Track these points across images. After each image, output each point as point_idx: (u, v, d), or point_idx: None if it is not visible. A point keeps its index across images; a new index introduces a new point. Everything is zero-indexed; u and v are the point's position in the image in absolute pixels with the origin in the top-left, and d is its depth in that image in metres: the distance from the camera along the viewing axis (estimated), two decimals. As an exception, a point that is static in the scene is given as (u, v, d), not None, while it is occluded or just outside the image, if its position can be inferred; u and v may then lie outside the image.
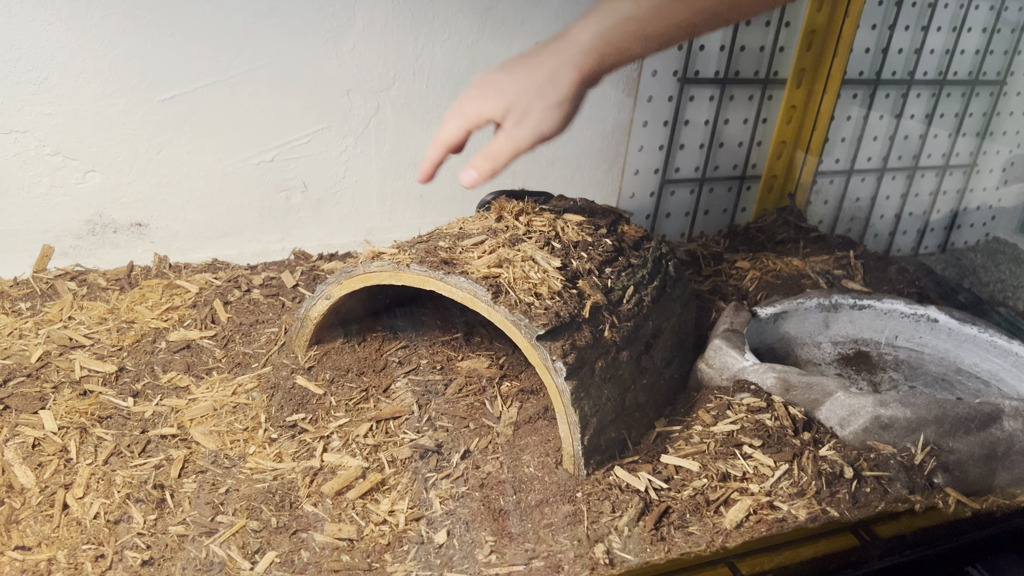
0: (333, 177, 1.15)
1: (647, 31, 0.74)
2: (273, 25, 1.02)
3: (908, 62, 1.39)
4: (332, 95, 1.09)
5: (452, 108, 0.80)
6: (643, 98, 1.24)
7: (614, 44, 0.74)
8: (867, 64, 1.36)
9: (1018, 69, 1.49)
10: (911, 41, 1.37)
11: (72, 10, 0.93)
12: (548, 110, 0.76)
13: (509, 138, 0.77)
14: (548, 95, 0.75)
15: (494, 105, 0.77)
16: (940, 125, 1.49)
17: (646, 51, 0.76)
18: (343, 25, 1.05)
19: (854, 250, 1.31)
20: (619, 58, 0.75)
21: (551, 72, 0.75)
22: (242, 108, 1.05)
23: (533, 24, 1.14)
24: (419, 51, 1.10)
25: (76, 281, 1.03)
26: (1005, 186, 1.63)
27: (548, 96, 0.75)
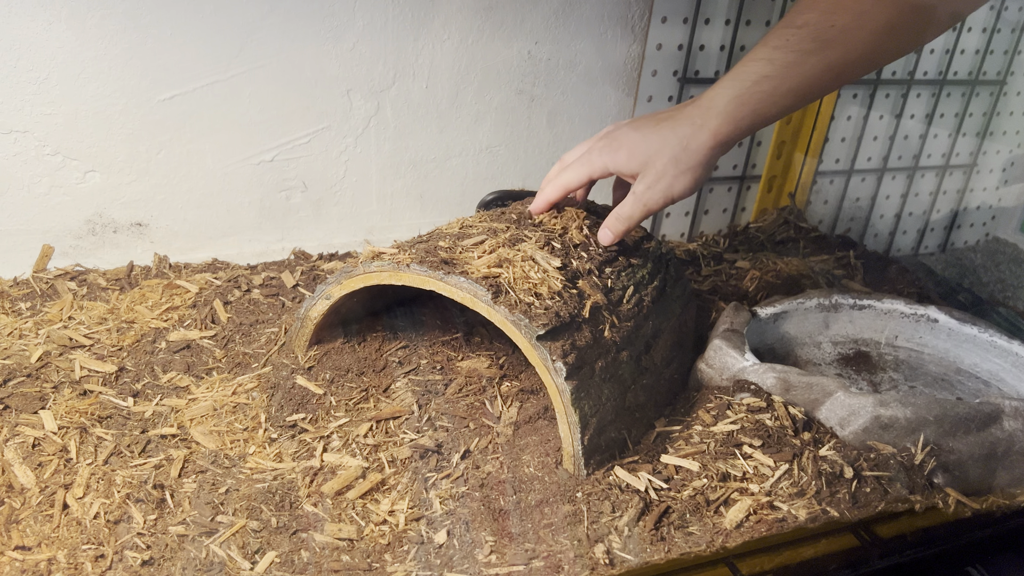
0: (333, 177, 1.15)
1: (782, 89, 0.73)
2: (273, 25, 1.02)
3: (908, 62, 1.39)
4: (332, 95, 1.09)
5: (579, 155, 0.84)
6: (643, 98, 1.24)
7: (749, 106, 0.74)
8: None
9: (1018, 69, 1.49)
10: (911, 41, 1.37)
11: (72, 10, 0.93)
12: (680, 175, 0.77)
13: (640, 201, 0.79)
14: (682, 161, 0.76)
15: (624, 163, 0.79)
16: (940, 125, 1.49)
17: (781, 109, 0.75)
18: (343, 25, 1.05)
19: (854, 250, 1.31)
20: (755, 120, 0.75)
21: (685, 138, 0.76)
22: (242, 108, 1.05)
23: (533, 24, 1.14)
24: (419, 51, 1.10)
25: (76, 281, 1.03)
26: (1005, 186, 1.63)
27: (681, 162, 0.76)
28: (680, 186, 0.78)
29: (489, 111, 1.18)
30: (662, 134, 0.77)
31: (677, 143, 0.76)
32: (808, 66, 0.73)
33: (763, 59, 0.74)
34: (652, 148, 0.77)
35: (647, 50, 1.20)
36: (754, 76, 0.74)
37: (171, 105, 1.02)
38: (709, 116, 0.75)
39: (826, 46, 0.72)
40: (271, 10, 1.01)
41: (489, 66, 1.15)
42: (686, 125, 0.76)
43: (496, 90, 1.17)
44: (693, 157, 0.76)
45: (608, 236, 0.85)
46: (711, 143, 0.75)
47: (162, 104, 1.02)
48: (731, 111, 0.74)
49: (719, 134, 0.75)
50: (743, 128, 0.76)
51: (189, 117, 1.03)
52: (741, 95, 0.74)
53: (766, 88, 0.73)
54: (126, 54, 0.97)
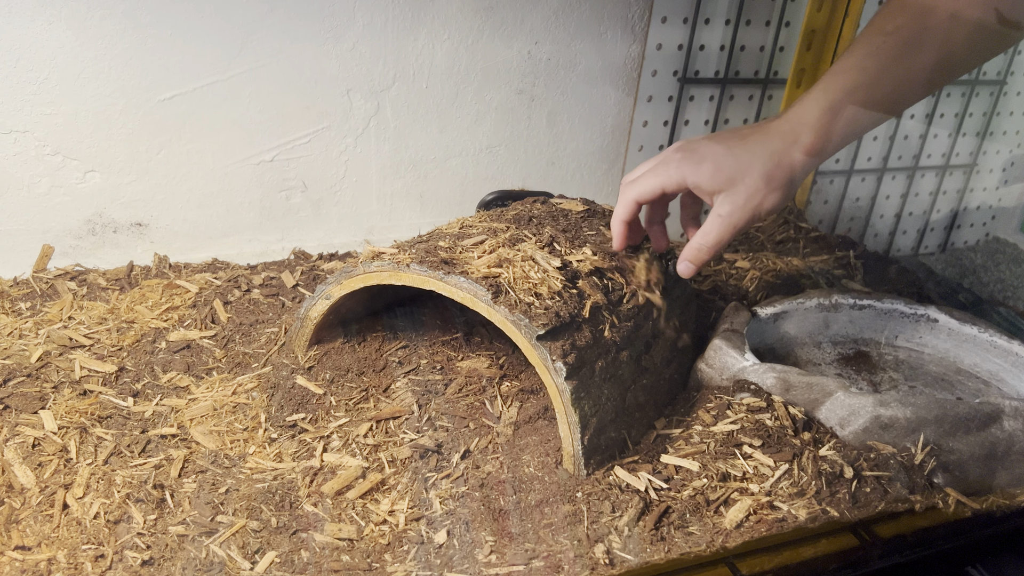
0: (333, 177, 1.15)
1: (875, 97, 0.71)
2: (273, 25, 1.02)
3: (908, 62, 1.39)
4: (332, 95, 1.09)
5: (649, 168, 0.76)
6: (643, 98, 1.24)
7: (844, 118, 0.71)
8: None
9: (1018, 69, 1.49)
10: (911, 41, 1.37)
11: (72, 10, 0.93)
12: (771, 193, 0.72)
13: (729, 222, 0.73)
14: (774, 178, 0.71)
15: (709, 178, 0.73)
16: (940, 125, 1.49)
17: (877, 119, 0.73)
18: (343, 25, 1.05)
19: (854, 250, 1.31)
20: (849, 132, 0.72)
21: (777, 153, 0.71)
22: (242, 108, 1.05)
23: (533, 24, 1.14)
24: (419, 51, 1.10)
25: (76, 281, 1.03)
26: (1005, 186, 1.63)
27: (774, 179, 0.72)
28: (770, 204, 0.73)
29: (489, 111, 1.18)
30: (751, 149, 0.72)
31: (769, 159, 0.71)
32: (902, 72, 0.70)
33: (854, 68, 0.71)
34: (742, 163, 0.72)
35: (647, 50, 1.20)
36: (846, 87, 0.71)
37: (171, 105, 1.02)
38: (802, 130, 0.71)
39: (919, 50, 0.69)
40: (271, 10, 1.01)
41: (489, 66, 1.15)
42: (777, 140, 0.72)
43: (496, 90, 1.17)
44: (786, 173, 0.72)
45: (690, 269, 0.79)
46: (804, 158, 0.72)
47: (162, 104, 1.02)
48: (824, 124, 0.71)
49: (813, 149, 0.71)
50: (836, 141, 0.72)
51: (189, 117, 1.03)
52: (834, 106, 0.71)
53: (860, 98, 0.71)
54: (126, 54, 0.97)
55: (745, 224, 0.74)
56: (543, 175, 1.26)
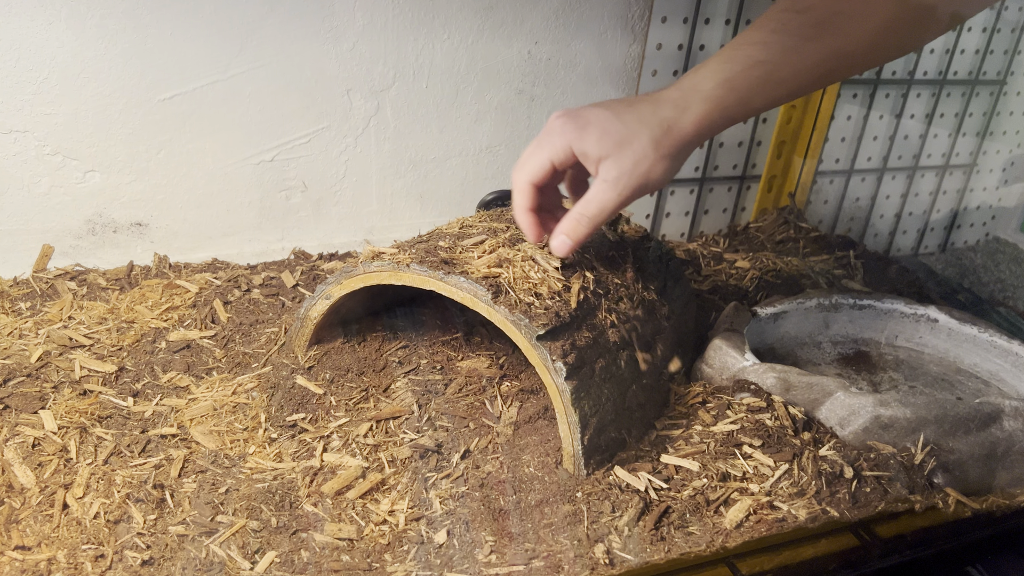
0: (333, 177, 1.15)
1: (776, 76, 0.67)
2: (273, 25, 1.02)
3: (908, 62, 1.39)
4: (332, 95, 1.09)
5: (534, 145, 0.70)
6: (643, 98, 1.24)
7: (739, 92, 0.67)
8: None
9: (1018, 69, 1.49)
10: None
11: (72, 10, 0.93)
12: (659, 161, 0.67)
13: (615, 189, 0.68)
14: (663, 145, 0.67)
15: (595, 144, 0.67)
16: (940, 125, 1.49)
17: (770, 100, 0.69)
18: (343, 25, 1.05)
19: (854, 250, 1.31)
20: (742, 108, 0.68)
21: (667, 120, 0.67)
22: (242, 108, 1.05)
23: (533, 24, 1.14)
24: (419, 51, 1.10)
25: (76, 281, 1.03)
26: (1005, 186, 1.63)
27: (662, 147, 0.67)
28: (658, 173, 0.68)
29: (489, 111, 1.18)
30: (639, 115, 0.67)
31: (658, 125, 0.67)
32: (806, 53, 0.67)
33: (758, 43, 0.67)
34: (629, 128, 0.67)
35: (647, 50, 1.20)
36: (747, 60, 0.67)
37: (171, 105, 1.02)
38: (694, 99, 0.67)
39: (827, 33, 0.66)
40: (271, 10, 1.01)
41: (489, 66, 1.15)
42: (668, 107, 0.67)
43: (496, 90, 1.17)
44: (675, 142, 0.67)
45: (567, 245, 0.71)
46: (695, 129, 0.67)
47: (162, 104, 1.02)
48: (719, 96, 0.67)
49: (704, 120, 0.67)
50: (728, 116, 0.68)
51: (189, 117, 1.03)
52: (732, 79, 0.67)
53: (759, 74, 0.66)
54: (126, 54, 0.97)
55: (631, 192, 0.68)
56: (543, 175, 1.26)
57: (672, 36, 1.20)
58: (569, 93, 1.21)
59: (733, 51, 0.68)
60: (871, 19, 0.66)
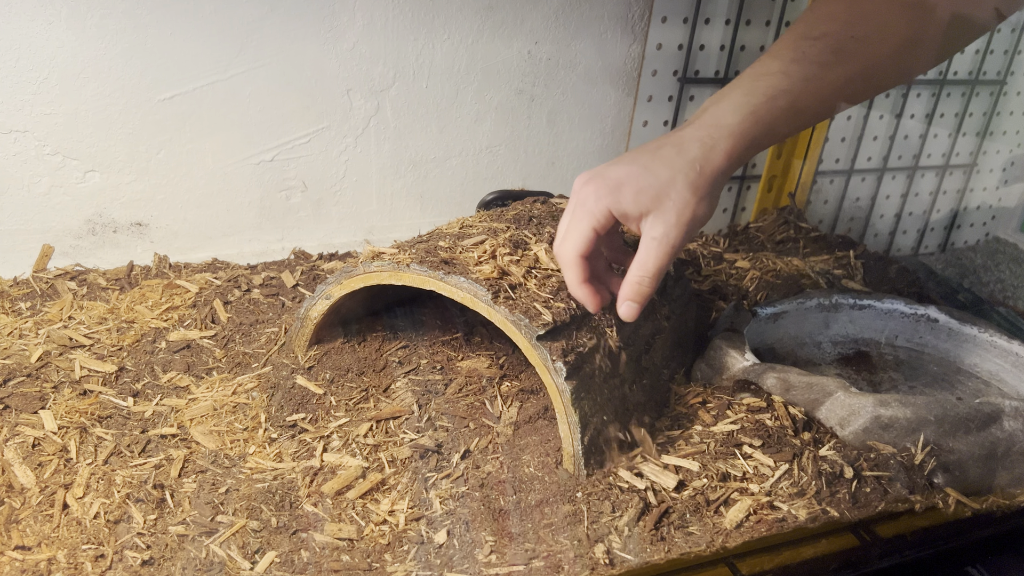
0: (333, 177, 1.15)
1: (799, 106, 0.67)
2: (273, 25, 1.02)
3: (908, 62, 1.39)
4: (332, 95, 1.09)
5: (569, 218, 0.69)
6: (643, 98, 1.24)
7: (765, 123, 0.66)
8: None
9: (1018, 69, 1.49)
10: (911, 41, 1.37)
11: (72, 10, 0.93)
12: (700, 202, 0.66)
13: (666, 243, 0.66)
14: (700, 187, 0.66)
15: (632, 202, 0.66)
16: (940, 125, 1.49)
17: (794, 128, 0.69)
18: (343, 25, 1.05)
19: (854, 250, 1.31)
20: (770, 138, 0.68)
21: (697, 161, 0.66)
22: (242, 108, 1.05)
23: (533, 24, 1.14)
24: (419, 51, 1.10)
25: (76, 281, 1.03)
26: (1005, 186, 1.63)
27: (700, 189, 0.66)
28: (701, 215, 0.67)
29: (489, 111, 1.18)
30: (668, 162, 0.66)
31: (690, 168, 0.66)
32: (827, 80, 0.67)
33: (778, 72, 0.67)
34: (662, 179, 0.66)
35: (647, 50, 1.20)
36: (769, 91, 0.66)
37: (171, 105, 1.02)
38: (721, 136, 0.66)
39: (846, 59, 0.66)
40: (271, 10, 1.01)
41: (489, 66, 1.15)
42: (696, 147, 0.66)
43: (496, 90, 1.17)
44: (709, 181, 0.66)
45: (634, 310, 0.70)
46: (727, 163, 0.67)
47: (162, 104, 1.02)
48: (745, 129, 0.66)
49: (734, 154, 0.67)
50: (756, 147, 0.68)
51: (189, 117, 1.03)
52: (756, 111, 0.66)
53: (783, 104, 0.66)
54: (126, 54, 0.97)
55: (681, 242, 0.67)
56: (543, 175, 1.26)
57: (672, 36, 1.20)
58: (569, 93, 1.21)
59: (753, 82, 0.68)
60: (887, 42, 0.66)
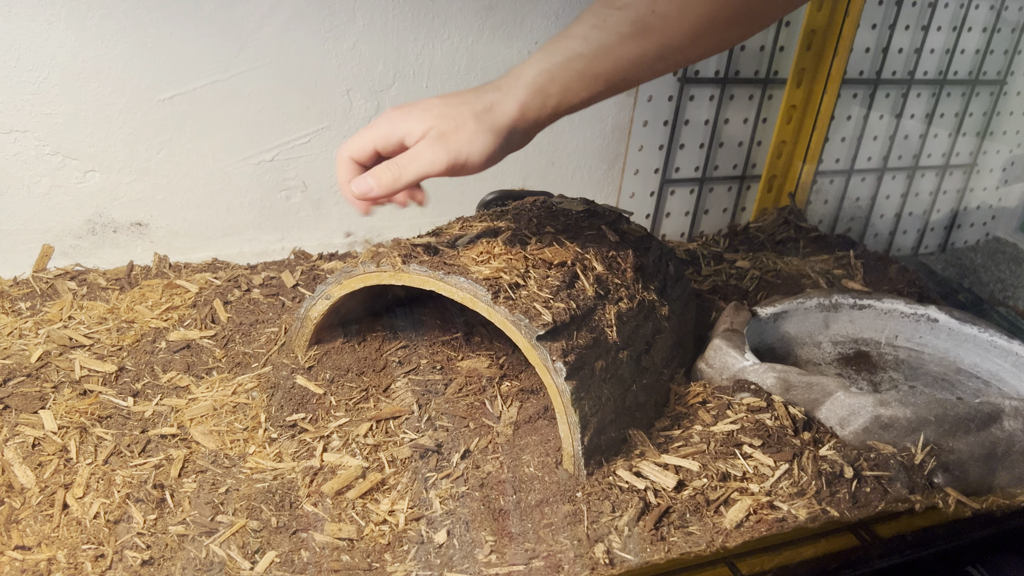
0: (333, 177, 1.15)
1: (594, 70, 0.69)
2: (273, 25, 1.02)
3: (908, 62, 1.39)
4: (332, 95, 1.09)
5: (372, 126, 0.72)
6: (643, 98, 1.24)
7: (559, 81, 0.69)
8: (867, 64, 1.36)
9: (1018, 69, 1.49)
10: (911, 41, 1.37)
11: (72, 10, 0.93)
12: (479, 133, 0.68)
13: (430, 147, 0.68)
14: (483, 119, 0.69)
15: (417, 120, 0.69)
16: (940, 125, 1.49)
17: (593, 93, 0.70)
18: (343, 25, 1.05)
19: (854, 250, 1.31)
20: (563, 98, 0.70)
21: (490, 102, 0.69)
22: (242, 108, 1.05)
23: (533, 24, 1.14)
24: (419, 51, 1.10)
25: (76, 281, 1.03)
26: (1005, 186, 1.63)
27: (483, 120, 0.68)
28: (478, 146, 0.68)
29: (489, 111, 1.18)
30: (463, 98, 0.70)
31: (479, 103, 0.69)
32: (624, 50, 0.68)
33: (578, 36, 0.69)
34: (452, 107, 0.69)
35: (647, 50, 1.20)
36: (567, 53, 0.69)
37: (171, 105, 1.02)
38: (516, 86, 0.69)
39: (645, 31, 0.68)
40: (271, 10, 1.01)
41: (489, 66, 1.15)
42: (491, 92, 0.70)
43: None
44: (496, 120, 0.69)
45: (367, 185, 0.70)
46: (516, 111, 0.69)
47: (162, 104, 1.02)
48: (540, 84, 0.69)
49: (525, 105, 0.69)
50: (550, 106, 0.70)
51: (189, 117, 1.03)
52: (552, 69, 0.69)
53: (578, 67, 0.69)
54: (126, 54, 0.97)
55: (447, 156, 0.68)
56: (543, 175, 1.26)
57: (672, 36, 1.20)
58: (569, 93, 1.21)
59: (555, 43, 0.70)
60: (687, 18, 0.68)
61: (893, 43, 1.36)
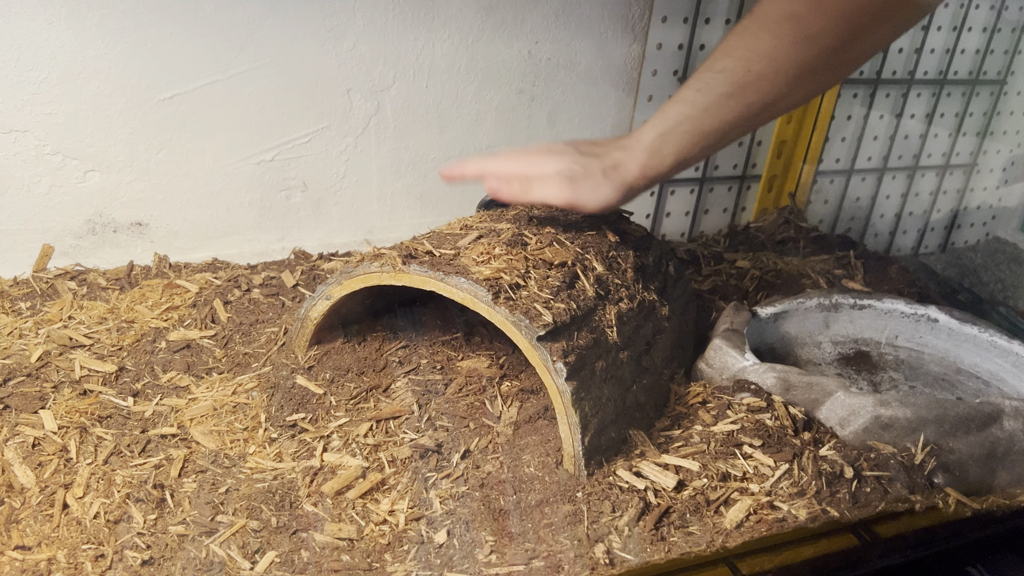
0: (333, 177, 1.15)
1: (703, 129, 0.78)
2: (273, 25, 1.02)
3: (908, 61, 1.39)
4: (332, 95, 1.09)
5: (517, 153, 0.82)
6: (643, 98, 1.24)
7: (672, 144, 0.79)
8: (867, 63, 1.36)
9: (1018, 69, 1.49)
10: (911, 40, 1.37)
11: (72, 10, 0.93)
12: (602, 185, 0.79)
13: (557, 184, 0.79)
14: (610, 175, 0.79)
15: (555, 163, 0.79)
16: (940, 125, 1.49)
17: (705, 148, 0.79)
18: (343, 25, 1.05)
19: (854, 250, 1.31)
20: (679, 158, 0.79)
21: (616, 161, 0.80)
22: (242, 108, 1.05)
23: (533, 24, 1.14)
24: (419, 51, 1.10)
25: (76, 281, 1.03)
26: (1005, 186, 1.63)
27: (609, 176, 0.79)
28: (600, 195, 0.79)
29: (489, 111, 1.18)
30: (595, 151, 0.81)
31: (608, 161, 0.80)
32: (727, 109, 0.77)
33: (686, 101, 0.78)
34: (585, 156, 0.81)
35: (647, 50, 1.20)
36: (677, 117, 0.78)
37: (171, 105, 1.02)
38: (638, 149, 0.79)
39: (744, 90, 0.76)
40: (271, 10, 1.01)
41: (489, 66, 1.15)
42: (617, 151, 0.80)
43: (496, 90, 1.17)
44: (621, 177, 0.80)
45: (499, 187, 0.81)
46: (638, 172, 0.79)
47: (162, 104, 1.02)
48: (656, 147, 0.79)
49: (645, 166, 0.79)
50: (667, 165, 0.79)
51: (189, 117, 1.03)
52: (665, 133, 0.78)
53: (687, 128, 0.78)
54: (126, 54, 0.97)
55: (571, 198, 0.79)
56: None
57: (672, 36, 1.20)
58: (569, 93, 1.21)
59: (667, 108, 0.80)
60: (781, 73, 0.75)
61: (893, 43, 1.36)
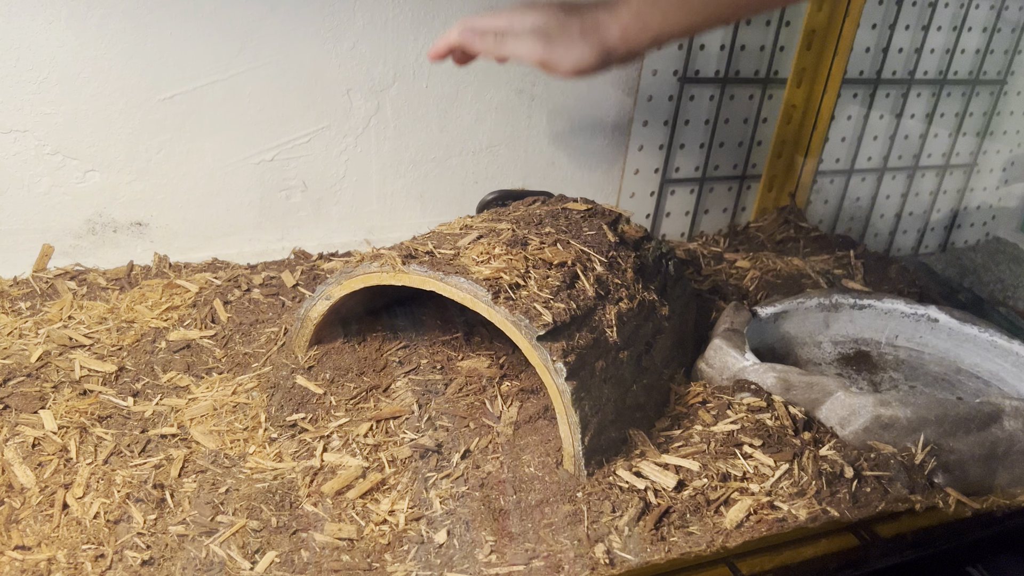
0: (333, 177, 1.15)
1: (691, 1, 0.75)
2: (273, 25, 1.02)
3: (908, 61, 1.39)
4: (332, 95, 1.09)
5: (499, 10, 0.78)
6: (643, 98, 1.24)
7: (660, 8, 0.75)
8: (867, 63, 1.36)
9: (1018, 69, 1.49)
10: (911, 40, 1.37)
11: (72, 10, 0.93)
12: (578, 45, 0.75)
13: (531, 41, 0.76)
14: (588, 36, 0.75)
15: (534, 18, 0.76)
16: (940, 124, 1.49)
17: (690, 22, 0.76)
18: (343, 25, 1.05)
19: (854, 250, 1.31)
20: (663, 25, 0.75)
21: (599, 21, 0.76)
22: (242, 108, 1.05)
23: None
24: (419, 51, 1.10)
25: (76, 280, 1.03)
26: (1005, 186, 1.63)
27: (587, 36, 0.75)
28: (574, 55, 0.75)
29: (489, 111, 1.18)
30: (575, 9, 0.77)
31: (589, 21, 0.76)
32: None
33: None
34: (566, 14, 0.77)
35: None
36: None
37: (171, 105, 1.02)
38: (623, 10, 0.76)
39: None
40: (271, 10, 1.01)
41: (489, 66, 1.15)
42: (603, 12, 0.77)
43: (496, 90, 1.17)
44: (599, 37, 0.76)
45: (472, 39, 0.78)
46: (618, 34, 0.76)
47: (162, 104, 1.02)
48: (642, 11, 0.75)
49: (627, 29, 0.76)
50: (651, 32, 0.76)
51: (189, 117, 1.03)
52: None
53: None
54: (126, 54, 0.97)
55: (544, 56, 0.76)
56: (543, 175, 1.26)
57: (672, 36, 1.20)
58: (569, 93, 1.21)
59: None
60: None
61: (893, 43, 1.36)
